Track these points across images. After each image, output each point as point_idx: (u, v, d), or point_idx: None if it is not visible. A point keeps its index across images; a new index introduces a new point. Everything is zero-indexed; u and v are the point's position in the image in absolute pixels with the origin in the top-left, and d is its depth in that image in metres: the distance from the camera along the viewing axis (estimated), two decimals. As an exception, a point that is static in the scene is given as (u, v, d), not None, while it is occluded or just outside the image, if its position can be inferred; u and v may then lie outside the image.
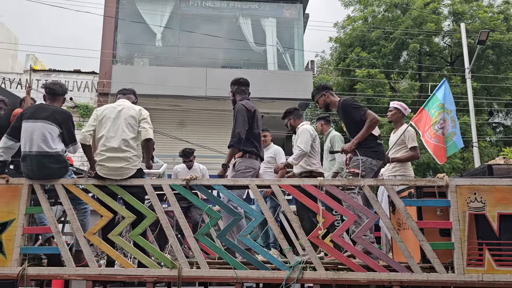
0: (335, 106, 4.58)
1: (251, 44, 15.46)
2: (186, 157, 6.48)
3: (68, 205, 3.90)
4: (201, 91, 13.84)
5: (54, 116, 4.00)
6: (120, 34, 14.38)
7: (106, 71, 13.25)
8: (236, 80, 4.75)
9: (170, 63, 14.50)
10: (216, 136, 14.24)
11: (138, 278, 3.73)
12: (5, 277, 3.80)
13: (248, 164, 4.39)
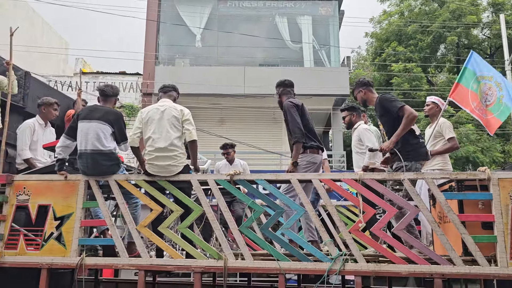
0: (373, 103, 4.56)
1: (287, 42, 15.57)
2: (224, 149, 6.70)
3: (121, 199, 4.17)
4: (240, 89, 14.10)
5: (106, 117, 4.29)
6: (162, 36, 14.88)
7: (149, 72, 13.75)
8: (282, 82, 4.87)
9: (209, 63, 14.86)
10: (254, 133, 14.47)
11: (187, 268, 3.95)
12: (65, 266, 4.13)
13: (309, 159, 4.44)
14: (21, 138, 5.12)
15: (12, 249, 4.12)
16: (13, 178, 4.29)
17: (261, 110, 14.64)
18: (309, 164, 4.43)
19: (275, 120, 15.12)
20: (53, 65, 14.78)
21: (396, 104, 4.21)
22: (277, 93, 4.86)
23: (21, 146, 5.08)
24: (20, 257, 4.10)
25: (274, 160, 13.85)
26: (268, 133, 14.76)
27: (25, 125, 5.21)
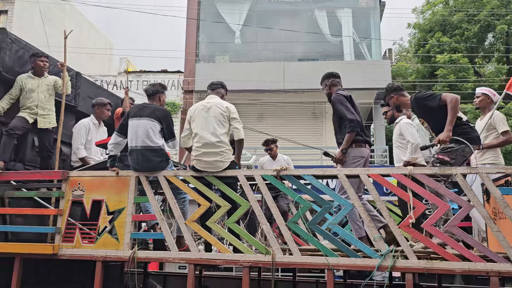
0: (408, 106, 4.46)
1: (327, 36, 15.38)
2: (266, 145, 6.72)
3: (170, 194, 4.28)
4: (279, 85, 14.08)
5: (155, 113, 4.41)
6: (202, 34, 15.08)
7: (190, 69, 13.99)
8: (330, 73, 4.81)
9: (249, 59, 14.94)
10: (294, 128, 14.43)
11: (235, 262, 4.00)
12: (118, 259, 4.28)
13: (356, 154, 4.38)
14: (77, 137, 5.35)
15: (69, 242, 4.32)
16: (68, 174, 4.49)
17: (301, 105, 14.57)
18: (356, 158, 4.37)
19: (315, 115, 15.01)
20: (99, 65, 15.32)
21: (432, 97, 4.14)
22: (326, 84, 4.77)
23: (77, 145, 5.31)
24: (76, 249, 4.29)
25: (314, 155, 13.74)
26: (308, 128, 14.67)
27: (81, 125, 5.44)
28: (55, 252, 4.26)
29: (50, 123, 5.15)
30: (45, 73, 5.22)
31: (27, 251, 4.33)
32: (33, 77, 5.13)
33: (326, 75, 4.79)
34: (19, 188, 4.70)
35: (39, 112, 5.07)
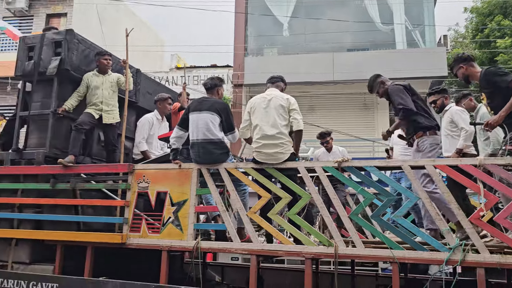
0: (476, 78, 4.24)
1: (377, 25, 14.97)
2: (322, 138, 6.67)
3: (231, 186, 4.35)
4: (329, 76, 13.91)
5: (214, 107, 4.50)
6: (250, 28, 15.13)
7: (239, 63, 14.08)
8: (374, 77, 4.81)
9: (297, 51, 14.82)
10: (345, 120, 14.21)
11: (297, 254, 4.01)
12: (183, 249, 4.43)
13: (432, 142, 4.32)
14: (140, 131, 5.55)
15: (136, 232, 4.50)
16: (134, 167, 4.68)
17: (352, 96, 14.32)
18: (433, 146, 4.30)
19: (366, 106, 14.70)
20: (151, 62, 15.78)
21: (507, 78, 3.89)
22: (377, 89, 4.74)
23: (139, 139, 5.52)
24: (143, 239, 4.46)
25: (366, 147, 13.47)
26: (359, 119, 14.40)
27: (145, 120, 5.65)
28: (123, 241, 4.46)
29: (114, 119, 5.38)
30: (108, 71, 5.45)
31: (98, 240, 4.57)
32: (98, 75, 5.37)
33: (372, 81, 4.75)
34: (89, 180, 4.95)
35: (104, 108, 5.30)
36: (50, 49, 5.24)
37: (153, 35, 16.43)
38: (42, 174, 4.90)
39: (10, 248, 4.85)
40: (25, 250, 4.83)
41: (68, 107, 5.19)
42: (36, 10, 15.06)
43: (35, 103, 5.25)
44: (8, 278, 4.65)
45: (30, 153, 5.04)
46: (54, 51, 5.23)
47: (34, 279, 4.54)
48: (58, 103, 5.15)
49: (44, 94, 5.24)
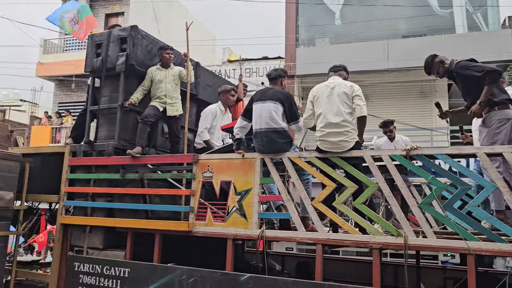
0: None
1: (435, 8, 14.31)
2: (385, 127, 6.49)
3: (295, 176, 4.35)
4: (383, 64, 13.51)
5: (277, 96, 4.51)
6: (301, 18, 14.98)
7: (291, 54, 13.99)
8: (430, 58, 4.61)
9: (349, 40, 14.50)
10: (401, 109, 13.78)
11: (364, 244, 3.95)
12: (247, 237, 4.48)
13: (501, 117, 4.10)
14: (203, 121, 5.68)
15: (202, 220, 4.62)
16: (198, 158, 4.79)
17: (408, 84, 13.83)
18: (502, 121, 4.05)
19: (423, 94, 14.15)
20: (203, 57, 16.06)
21: None
22: (436, 69, 4.55)
23: (202, 129, 5.65)
24: (208, 227, 4.57)
25: (424, 136, 12.99)
26: (416, 108, 13.90)
27: (208, 110, 5.78)
28: (190, 229, 4.60)
29: (177, 111, 5.53)
30: (171, 65, 5.60)
31: (165, 228, 4.74)
32: (161, 69, 5.53)
33: (430, 62, 4.55)
34: (155, 170, 5.13)
35: (168, 101, 5.46)
36: (116, 46, 5.46)
37: (204, 30, 16.70)
38: (112, 164, 5.14)
39: (85, 234, 5.15)
40: (99, 236, 5.11)
41: (134, 100, 5.39)
42: (96, 10, 15.77)
43: (104, 97, 5.49)
44: (84, 262, 4.95)
45: (101, 145, 5.29)
46: (120, 47, 5.45)
47: (107, 264, 4.80)
48: (125, 97, 5.37)
49: (112, 88, 5.48)
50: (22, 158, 5.45)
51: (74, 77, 15.32)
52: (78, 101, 16.28)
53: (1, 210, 5.10)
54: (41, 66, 16.69)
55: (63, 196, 5.31)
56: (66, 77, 16.18)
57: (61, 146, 5.76)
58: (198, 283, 4.35)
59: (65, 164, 5.35)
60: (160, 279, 4.51)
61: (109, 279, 4.76)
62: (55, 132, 15.00)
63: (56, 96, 17.38)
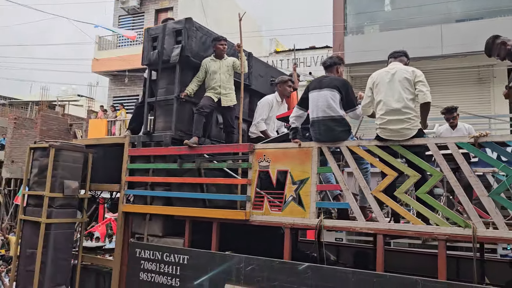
0: None
1: (493, -11, 13.52)
2: (449, 113, 6.21)
3: (353, 165, 4.26)
4: (437, 50, 12.95)
5: (334, 83, 4.43)
6: (349, 5, 14.63)
7: (339, 43, 13.72)
8: (492, 38, 4.35)
9: (400, 26, 14.01)
10: (456, 96, 13.17)
11: (429, 235, 3.82)
12: (305, 226, 4.46)
13: None
14: (260, 111, 5.71)
15: (259, 209, 4.64)
16: (254, 147, 4.81)
17: (464, 71, 13.20)
18: None
19: (481, 81, 13.45)
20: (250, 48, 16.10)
21: None
22: (498, 50, 4.28)
23: (258, 119, 5.67)
24: (265, 216, 4.59)
25: (481, 125, 12.36)
26: (473, 95, 13.25)
27: (265, 101, 5.80)
28: (247, 218, 4.64)
29: (231, 101, 5.57)
30: (224, 55, 5.64)
31: (223, 216, 4.81)
32: (215, 60, 5.59)
33: (491, 43, 4.27)
34: (211, 160, 5.21)
35: (222, 92, 5.51)
36: (172, 38, 5.56)
37: (251, 21, 16.72)
38: (169, 154, 5.27)
39: (145, 222, 5.33)
40: (158, 224, 5.28)
41: (190, 92, 5.49)
42: (146, 7, 16.21)
43: (161, 89, 5.62)
44: (144, 249, 5.13)
45: (158, 135, 5.43)
46: (175, 40, 5.54)
47: (167, 251, 4.95)
48: (180, 89, 5.47)
49: (168, 80, 5.60)
50: (85, 149, 5.71)
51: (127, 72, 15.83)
52: (131, 95, 16.86)
53: (67, 198, 5.38)
54: (97, 62, 17.41)
55: (124, 185, 5.51)
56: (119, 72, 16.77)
57: (121, 138, 5.98)
58: (256, 271, 4.39)
59: (125, 155, 5.54)
60: (218, 267, 4.60)
61: (169, 265, 4.91)
62: (111, 125, 15.64)
63: (110, 90, 18.09)
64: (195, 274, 4.71)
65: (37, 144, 5.59)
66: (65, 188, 5.32)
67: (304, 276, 4.14)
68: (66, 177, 5.39)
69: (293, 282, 4.18)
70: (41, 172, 5.35)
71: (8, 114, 22.00)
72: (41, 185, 5.31)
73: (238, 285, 4.44)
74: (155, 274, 4.97)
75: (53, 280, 5.17)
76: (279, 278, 4.25)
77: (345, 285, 3.92)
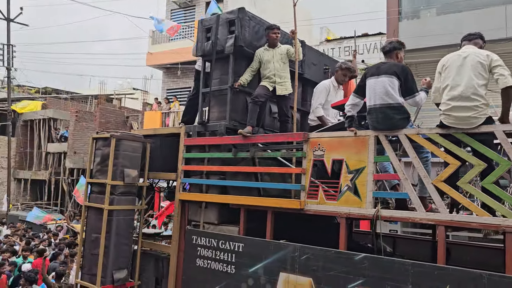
0: None
1: None
2: None
3: (413, 154, 4.11)
4: (501, 33, 12.16)
5: (392, 69, 4.27)
6: (404, -11, 14.07)
7: (394, 29, 13.25)
8: None
9: (459, 9, 13.28)
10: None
11: (495, 227, 3.62)
12: (361, 216, 4.38)
13: None
14: (317, 97, 5.66)
15: (313, 198, 4.61)
16: (308, 136, 4.76)
17: (532, 54, 12.33)
18: None
19: (553, 64, 12.51)
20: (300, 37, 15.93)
21: None
22: None
23: (316, 104, 5.62)
24: (320, 206, 4.55)
25: (551, 113, 11.53)
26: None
27: (322, 86, 5.74)
28: (301, 207, 4.61)
29: (287, 90, 5.54)
30: (278, 44, 5.61)
31: (277, 205, 4.81)
32: (268, 49, 5.57)
33: None
34: (265, 149, 5.23)
35: (277, 80, 5.50)
36: (225, 28, 5.60)
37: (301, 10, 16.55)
38: (224, 144, 5.35)
39: (201, 210, 5.46)
40: (213, 212, 5.38)
41: (243, 81, 5.52)
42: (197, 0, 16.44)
43: (214, 80, 5.70)
44: (201, 236, 5.26)
45: (213, 125, 5.52)
46: (228, 30, 5.58)
47: (223, 238, 5.04)
48: (234, 79, 5.51)
49: (221, 71, 5.66)
50: (143, 139, 5.92)
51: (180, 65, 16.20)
52: (183, 87, 17.26)
53: (127, 186, 5.62)
54: (151, 56, 17.97)
55: (180, 174, 5.66)
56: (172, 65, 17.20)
57: (177, 128, 6.13)
58: (311, 261, 4.38)
59: (181, 144, 5.68)
60: (273, 255, 4.63)
61: (225, 252, 5.00)
62: (165, 117, 16.12)
63: (164, 83, 18.64)
64: (250, 262, 4.77)
65: (99, 135, 5.86)
66: (125, 176, 5.55)
67: (360, 267, 4.07)
68: (126, 166, 5.61)
69: (349, 273, 4.13)
70: (103, 161, 5.61)
71: (70, 108, 23.29)
72: (103, 174, 5.57)
73: (293, 273, 4.45)
74: (211, 260, 5.09)
75: (116, 264, 5.43)
76: (335, 268, 4.21)
77: (404, 277, 3.82)
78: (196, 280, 5.22)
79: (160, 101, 17.47)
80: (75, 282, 5.69)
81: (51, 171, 21.80)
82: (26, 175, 23.02)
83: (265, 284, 4.64)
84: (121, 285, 5.47)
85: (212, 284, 5.02)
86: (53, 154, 22.19)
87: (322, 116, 5.53)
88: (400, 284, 3.84)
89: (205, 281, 5.12)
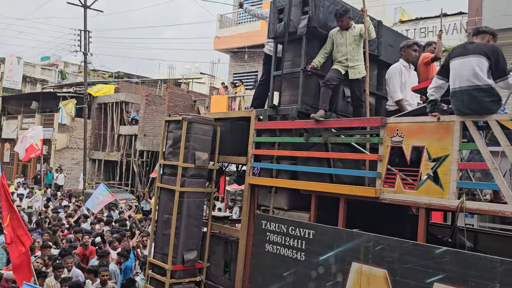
0: None
1: None
2: None
3: (505, 141, 3.74)
4: None
5: (482, 49, 3.91)
6: (491, -37, 12.91)
7: (477, 8, 12.25)
8: None
9: (555, -17, 11.97)
10: None
11: None
12: (443, 208, 4.08)
13: None
14: (391, 81, 5.36)
15: (390, 187, 4.37)
16: (386, 121, 4.51)
17: None
18: None
19: None
20: (374, 18, 15.29)
21: None
22: None
23: (393, 89, 5.32)
24: (398, 195, 4.30)
25: None
26: None
27: (393, 69, 5.43)
28: (377, 195, 4.40)
29: (360, 73, 5.30)
30: (351, 25, 5.35)
31: (351, 193, 4.63)
32: (341, 32, 5.33)
33: None
34: (339, 134, 5.05)
35: (350, 64, 5.27)
36: (298, 9, 5.43)
37: (369, -7, 15.86)
38: (295, 128, 5.23)
39: (270, 195, 5.41)
40: (283, 197, 5.31)
41: (316, 64, 5.34)
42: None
43: (286, 62, 5.56)
44: (270, 221, 5.22)
45: (284, 109, 5.41)
46: (301, 10, 5.41)
47: (293, 224, 4.96)
48: (307, 61, 5.35)
49: (294, 53, 5.51)
50: (214, 122, 5.95)
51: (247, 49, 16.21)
52: (250, 71, 17.30)
53: (198, 169, 5.69)
54: (218, 40, 18.16)
55: (250, 158, 5.64)
56: (239, 49, 17.26)
57: (247, 111, 6.11)
58: (386, 252, 4.17)
59: (252, 128, 5.64)
60: (345, 244, 4.47)
61: (294, 239, 4.92)
62: (231, 101, 16.29)
63: (231, 67, 18.80)
64: (321, 250, 4.65)
65: (171, 117, 5.98)
66: (196, 159, 5.63)
67: (440, 261, 3.81)
68: (197, 149, 5.68)
69: (428, 266, 3.88)
70: (175, 143, 5.72)
71: (141, 92, 24.31)
72: (175, 156, 5.68)
73: (366, 264, 4.28)
74: (281, 246, 5.03)
75: (186, 245, 5.56)
76: (412, 260, 3.98)
77: (490, 274, 3.52)
78: (265, 265, 5.21)
79: (227, 86, 17.68)
80: (148, 260, 5.91)
81: (123, 153, 23.01)
82: (100, 155, 24.51)
83: (336, 273, 4.51)
84: (190, 266, 5.59)
85: (281, 270, 4.98)
86: (125, 136, 23.38)
87: (401, 100, 5.21)
88: (486, 282, 3.54)
89: (274, 267, 5.08)
